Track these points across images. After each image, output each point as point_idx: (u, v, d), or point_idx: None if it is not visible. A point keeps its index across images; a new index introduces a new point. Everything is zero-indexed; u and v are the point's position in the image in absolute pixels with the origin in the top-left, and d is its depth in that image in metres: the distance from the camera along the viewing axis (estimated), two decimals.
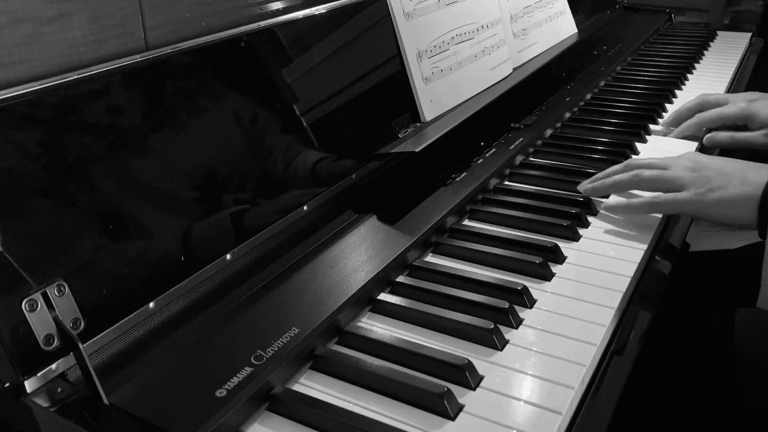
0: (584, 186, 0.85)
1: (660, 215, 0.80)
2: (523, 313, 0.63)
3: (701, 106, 1.06)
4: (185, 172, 0.62)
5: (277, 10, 0.79)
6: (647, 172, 0.80)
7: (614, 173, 0.84)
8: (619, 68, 1.40)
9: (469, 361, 0.55)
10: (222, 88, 0.67)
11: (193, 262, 0.60)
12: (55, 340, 0.50)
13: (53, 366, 0.50)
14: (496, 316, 0.61)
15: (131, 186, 0.57)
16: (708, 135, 1.02)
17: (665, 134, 1.07)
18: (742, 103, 1.02)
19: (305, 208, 0.72)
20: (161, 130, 0.61)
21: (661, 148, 1.02)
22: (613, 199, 0.84)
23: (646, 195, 0.80)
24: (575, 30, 1.40)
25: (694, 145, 1.00)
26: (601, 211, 0.82)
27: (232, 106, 0.68)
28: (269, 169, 0.70)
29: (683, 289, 0.89)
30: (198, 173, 0.63)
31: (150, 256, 0.57)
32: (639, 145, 1.02)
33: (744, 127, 1.02)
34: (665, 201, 0.77)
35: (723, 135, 1.01)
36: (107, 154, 0.56)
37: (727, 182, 0.73)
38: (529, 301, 0.64)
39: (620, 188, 0.83)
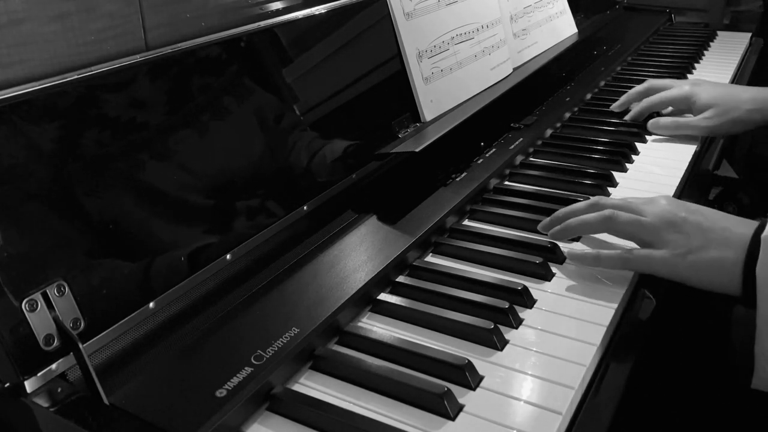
0: (548, 228, 0.75)
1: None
2: (523, 313, 0.63)
3: (649, 91, 1.10)
4: (185, 173, 0.62)
5: (277, 10, 0.79)
6: (623, 216, 0.69)
7: (579, 211, 0.73)
8: (619, 68, 1.40)
9: (469, 361, 0.55)
10: (221, 89, 0.67)
11: (193, 262, 0.60)
12: (55, 340, 0.50)
13: (53, 366, 0.50)
14: (496, 316, 0.61)
15: (131, 186, 0.57)
16: (651, 120, 1.06)
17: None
18: (685, 86, 1.07)
19: (305, 208, 0.72)
20: (161, 131, 0.61)
21: (660, 147, 1.02)
22: (579, 247, 0.74)
23: (616, 249, 0.70)
24: (575, 30, 1.40)
25: (692, 148, 1.00)
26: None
27: (232, 106, 0.68)
28: (269, 169, 0.70)
29: (681, 287, 0.89)
30: (198, 173, 0.63)
31: (150, 256, 0.57)
32: (639, 145, 1.02)
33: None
34: (638, 258, 0.67)
35: (666, 120, 1.05)
36: (107, 154, 0.56)
37: (706, 242, 0.65)
38: (529, 301, 0.64)
39: (590, 231, 0.74)
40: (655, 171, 0.94)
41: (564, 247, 0.74)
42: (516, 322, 0.61)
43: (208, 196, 0.63)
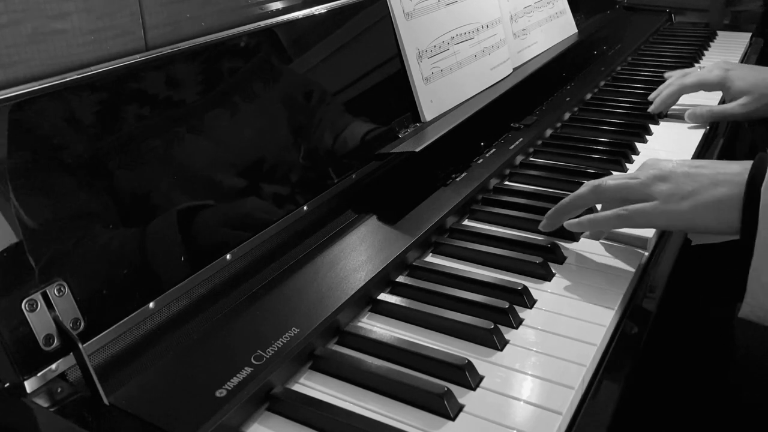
0: (547, 225, 0.75)
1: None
2: (523, 313, 0.63)
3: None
4: (185, 173, 0.62)
5: (278, 10, 0.79)
6: (610, 182, 0.71)
7: (576, 196, 0.74)
8: (619, 68, 1.40)
9: (469, 361, 0.54)
10: (221, 89, 0.67)
11: (193, 262, 0.60)
12: (55, 340, 0.50)
13: (53, 366, 0.50)
14: (496, 316, 0.61)
15: (131, 186, 0.57)
16: (688, 111, 1.08)
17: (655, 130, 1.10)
18: (718, 71, 1.08)
19: (305, 208, 0.72)
20: (160, 130, 0.61)
21: (660, 146, 1.02)
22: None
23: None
24: (575, 30, 1.40)
25: (693, 148, 1.01)
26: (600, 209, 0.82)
27: (233, 106, 0.68)
28: (269, 169, 0.70)
29: (684, 285, 0.89)
30: (198, 174, 0.63)
31: (150, 256, 0.57)
32: (639, 145, 1.02)
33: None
34: (634, 211, 0.68)
35: (702, 109, 1.07)
36: (107, 153, 0.56)
37: (698, 185, 0.66)
38: (529, 301, 0.64)
39: (581, 204, 0.73)
40: None
41: (565, 246, 0.74)
42: (516, 322, 0.61)
43: (207, 196, 0.63)
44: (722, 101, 1.13)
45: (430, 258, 0.73)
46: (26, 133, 0.51)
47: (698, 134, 1.06)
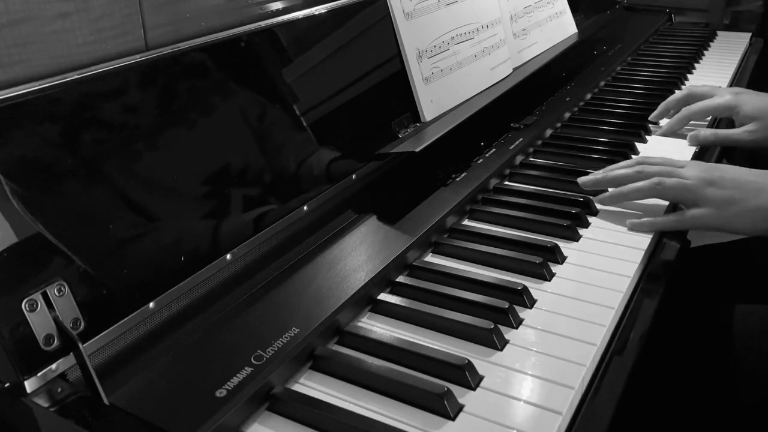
0: (590, 185, 0.84)
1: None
2: (523, 313, 0.63)
3: (689, 98, 1.07)
4: (185, 172, 0.62)
5: (278, 10, 0.79)
6: (669, 182, 0.78)
7: (625, 177, 0.81)
8: (619, 68, 1.40)
9: (469, 361, 0.55)
10: (221, 89, 0.67)
11: (193, 262, 0.60)
12: (55, 340, 0.50)
13: (53, 366, 0.50)
14: (496, 316, 0.61)
15: (131, 186, 0.57)
16: (691, 133, 1.03)
17: (655, 131, 1.08)
18: (728, 95, 1.04)
19: (305, 208, 0.72)
20: (160, 130, 0.61)
21: (660, 147, 1.02)
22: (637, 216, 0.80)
23: (661, 212, 0.80)
24: (575, 30, 1.40)
25: (692, 148, 1.01)
26: (601, 209, 0.82)
27: (232, 106, 0.68)
28: (269, 169, 0.70)
29: (683, 286, 0.89)
30: (198, 173, 0.63)
31: (150, 256, 0.57)
32: (639, 145, 1.02)
33: (731, 123, 1.04)
34: (691, 217, 0.76)
35: (706, 132, 1.02)
36: (106, 154, 0.56)
37: (745, 194, 0.74)
38: (529, 301, 0.64)
39: (640, 197, 0.81)
40: None
41: (565, 246, 0.74)
42: (516, 322, 0.61)
43: (208, 196, 0.63)
44: (713, 123, 1.11)
45: (430, 258, 0.73)
46: (26, 133, 0.51)
47: None
